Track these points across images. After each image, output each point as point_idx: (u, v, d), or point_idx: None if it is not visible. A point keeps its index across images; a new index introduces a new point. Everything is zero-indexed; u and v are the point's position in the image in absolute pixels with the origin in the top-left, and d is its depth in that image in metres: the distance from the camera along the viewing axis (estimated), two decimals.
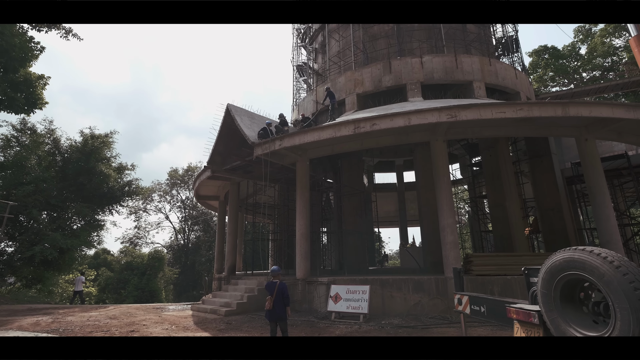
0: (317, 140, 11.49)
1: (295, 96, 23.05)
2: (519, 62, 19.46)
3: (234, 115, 13.70)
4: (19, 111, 19.08)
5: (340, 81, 17.31)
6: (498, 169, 15.41)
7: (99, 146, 25.02)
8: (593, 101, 16.69)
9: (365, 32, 18.22)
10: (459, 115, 10.07)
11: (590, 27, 32.07)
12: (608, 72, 30.42)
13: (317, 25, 21.88)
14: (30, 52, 18.48)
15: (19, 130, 23.66)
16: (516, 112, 9.97)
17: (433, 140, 11.78)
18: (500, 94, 16.66)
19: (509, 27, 19.82)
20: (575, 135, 11.89)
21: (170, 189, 45.14)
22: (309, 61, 23.39)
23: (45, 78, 19.57)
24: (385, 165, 27.73)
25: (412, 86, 15.47)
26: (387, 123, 10.61)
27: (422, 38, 17.40)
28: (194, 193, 21.22)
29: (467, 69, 15.61)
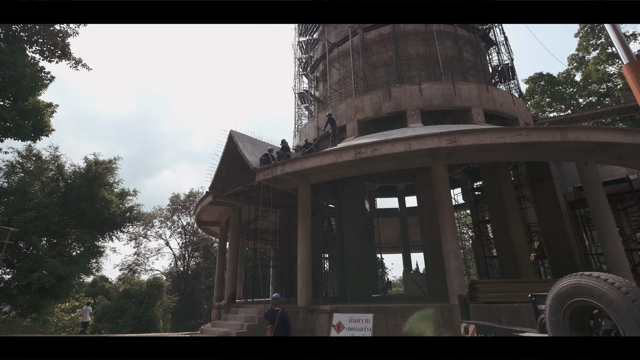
0: (318, 165, 11.58)
1: (297, 123, 23.46)
2: (515, 88, 19.93)
3: (236, 141, 13.89)
4: (26, 138, 19.43)
5: (341, 108, 17.66)
6: (500, 193, 15.38)
7: (102, 172, 25.26)
8: (591, 126, 16.90)
9: (365, 61, 18.79)
10: (458, 140, 10.19)
11: (583, 55, 33.01)
12: (604, 98, 30.99)
13: (319, 54, 22.62)
14: (40, 82, 19.09)
15: (24, 157, 23.98)
16: (515, 137, 10.08)
17: (434, 165, 11.85)
18: (498, 120, 16.92)
19: (504, 56, 20.46)
20: (575, 159, 11.96)
21: (172, 215, 45.00)
22: (310, 89, 23.98)
23: (53, 106, 20.07)
24: (387, 190, 27.74)
25: (412, 112, 15.76)
26: (387, 148, 10.73)
27: (420, 66, 17.92)
28: (195, 219, 21.14)
29: (465, 96, 15.94)
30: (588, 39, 32.04)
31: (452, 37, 18.65)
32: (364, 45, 19.08)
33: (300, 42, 25.02)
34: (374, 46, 19.16)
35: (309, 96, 23.44)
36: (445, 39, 18.29)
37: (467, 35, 19.05)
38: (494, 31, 20.78)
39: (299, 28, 25.28)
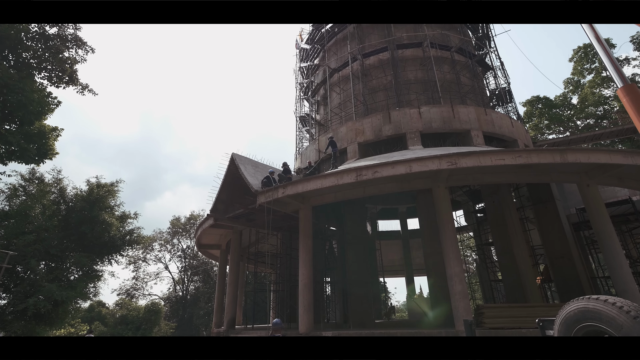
0: (319, 188, 11.59)
1: (298, 145, 23.70)
2: (513, 111, 20.22)
3: (238, 164, 13.99)
4: (30, 161, 19.62)
5: (342, 131, 17.88)
6: (502, 215, 15.28)
7: (104, 195, 25.32)
8: (590, 148, 16.99)
9: (365, 86, 19.21)
10: (459, 162, 10.24)
11: (579, 79, 33.69)
12: (601, 120, 31.36)
13: (320, 79, 23.16)
14: (47, 106, 19.48)
15: (27, 180, 24.13)
16: (515, 159, 10.14)
17: (435, 187, 11.85)
18: (498, 142, 17.07)
19: (500, 80, 20.89)
20: (577, 181, 11.96)
21: (172, 238, 44.65)
22: (312, 112, 24.39)
23: (58, 130, 20.39)
24: (388, 212, 27.61)
25: (412, 135, 15.93)
26: (388, 170, 10.77)
27: (419, 90, 18.29)
28: (196, 241, 20.96)
29: (464, 119, 16.16)
30: (582, 64, 32.82)
31: (449, 62, 19.14)
32: (364, 70, 19.56)
33: (302, 67, 25.70)
34: (373, 71, 19.64)
35: (310, 119, 23.81)
36: (443, 64, 18.75)
37: (464, 60, 19.56)
38: (490, 56, 21.35)
39: (300, 54, 26.04)
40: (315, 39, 24.88)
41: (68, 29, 20.17)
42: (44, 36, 19.62)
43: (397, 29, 19.79)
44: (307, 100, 25.20)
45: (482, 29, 22.11)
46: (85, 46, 20.71)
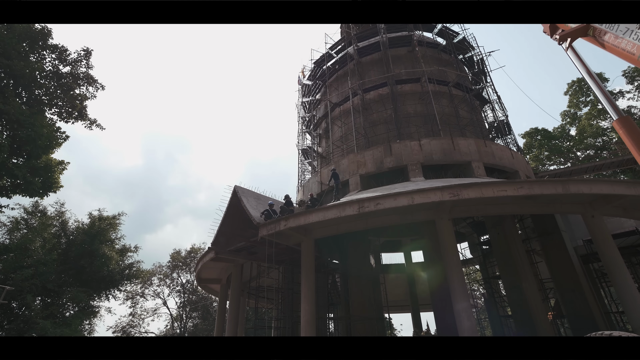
0: (322, 220, 11.53)
1: (301, 178, 23.86)
2: (513, 143, 20.47)
3: (240, 197, 14.03)
4: (34, 195, 19.78)
5: (344, 163, 18.06)
6: (508, 247, 15.01)
7: (105, 228, 25.23)
8: (592, 179, 17.01)
9: (366, 119, 19.64)
10: (461, 194, 10.24)
11: (575, 111, 34.39)
12: (601, 151, 31.61)
13: (321, 113, 23.76)
14: (55, 140, 19.95)
15: (29, 213, 24.19)
16: (517, 190, 10.13)
17: (438, 219, 11.76)
18: (499, 173, 17.13)
19: (498, 113, 21.35)
20: (581, 212, 11.86)
21: (171, 272, 43.79)
22: (314, 145, 24.79)
23: (64, 164, 20.73)
24: (392, 244, 27.17)
25: (413, 167, 16.05)
26: (390, 202, 10.75)
27: (419, 123, 18.66)
28: (196, 276, 20.54)
29: (465, 150, 16.34)
30: (577, 97, 33.66)
31: (447, 96, 19.68)
32: (364, 104, 20.10)
33: (304, 102, 26.46)
34: (374, 105, 20.17)
35: (312, 152, 24.14)
36: (441, 98, 19.28)
37: (462, 94, 20.11)
38: (487, 90, 21.96)
39: (303, 89, 26.90)
40: (316, 75, 25.82)
41: (81, 68, 21.10)
42: (57, 74, 20.50)
43: (396, 66, 20.55)
44: (309, 133, 25.71)
45: (477, 65, 22.93)
46: (96, 83, 21.56)
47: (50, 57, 20.51)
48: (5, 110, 16.52)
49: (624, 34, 4.69)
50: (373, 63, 21.85)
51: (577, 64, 5.86)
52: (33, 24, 19.98)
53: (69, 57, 20.73)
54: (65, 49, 20.57)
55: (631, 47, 4.59)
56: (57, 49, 20.38)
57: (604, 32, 5.15)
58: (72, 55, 20.77)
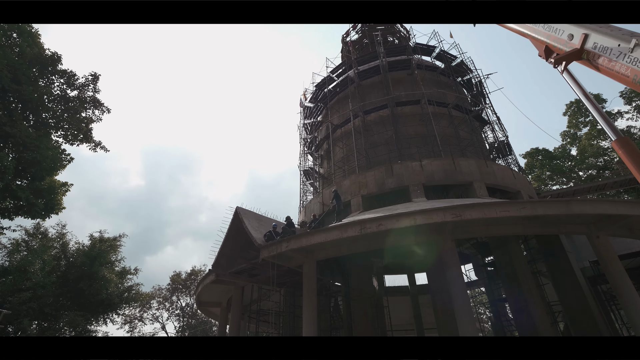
0: (324, 241, 11.43)
1: (302, 199, 23.85)
2: (514, 163, 20.53)
3: (242, 218, 13.99)
4: (36, 216, 19.79)
5: (346, 184, 18.09)
6: (513, 269, 14.75)
7: (105, 249, 25.07)
8: (595, 199, 16.92)
9: (367, 140, 19.84)
10: (463, 214, 10.18)
11: (575, 132, 34.61)
12: (603, 171, 31.56)
13: (323, 135, 24.03)
14: (59, 162, 20.18)
15: (30, 235, 24.12)
16: (520, 210, 10.07)
17: (441, 240, 11.63)
18: (502, 194, 17.08)
19: (498, 133, 21.53)
20: (586, 232, 11.72)
21: (171, 295, 43.09)
22: (315, 166, 24.93)
23: (67, 185, 20.86)
24: (395, 266, 26.76)
25: (415, 187, 16.05)
26: (393, 223, 10.68)
27: (420, 144, 18.81)
28: (196, 299, 20.19)
29: (466, 171, 16.38)
30: (576, 117, 33.97)
31: (447, 117, 19.93)
32: (365, 125, 20.36)
33: (306, 124, 26.83)
34: (375, 127, 20.42)
35: (313, 173, 24.25)
36: (441, 120, 19.52)
37: (461, 115, 20.37)
38: (487, 112, 22.25)
39: (304, 112, 27.35)
40: (318, 97, 26.31)
41: (88, 92, 21.61)
42: (64, 98, 20.99)
43: (396, 88, 20.95)
44: (310, 154, 25.91)
45: (476, 87, 23.34)
46: (102, 107, 22.01)
47: (59, 81, 21.07)
48: (13, 134, 16.82)
49: (617, 58, 4.79)
50: (373, 86, 22.30)
51: (574, 87, 5.96)
52: (44, 50, 20.66)
53: (77, 81, 21.29)
54: (74, 74, 21.17)
55: (625, 70, 4.68)
56: (65, 74, 20.97)
57: (598, 55, 5.26)
58: (80, 80, 21.35)
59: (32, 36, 20.29)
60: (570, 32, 5.83)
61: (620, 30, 5.09)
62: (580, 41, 5.51)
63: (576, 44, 5.64)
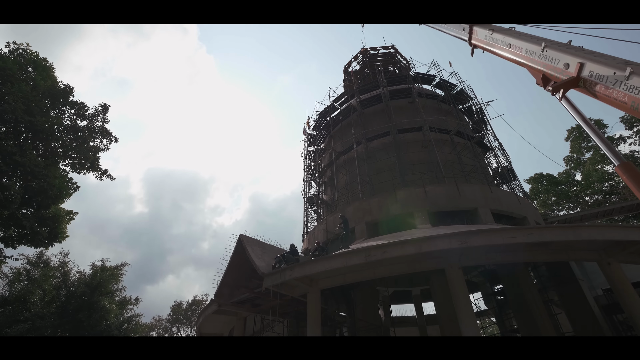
0: (328, 269, 11.23)
1: (306, 226, 23.68)
2: (519, 188, 20.43)
3: (245, 245, 13.87)
4: (39, 245, 19.74)
5: (349, 211, 18.00)
6: (523, 297, 14.30)
7: (107, 279, 24.74)
8: (604, 224, 16.65)
9: (370, 167, 19.94)
10: (469, 241, 10.02)
11: (578, 157, 34.62)
12: (610, 196, 31.22)
13: (326, 162, 24.24)
14: (65, 191, 20.37)
15: (32, 264, 23.95)
16: (527, 236, 9.91)
17: (447, 268, 11.38)
18: (507, 219, 16.88)
19: (501, 159, 21.60)
20: (596, 259, 11.44)
21: (171, 326, 41.96)
22: (319, 193, 24.95)
23: (72, 214, 20.94)
24: (401, 295, 26.06)
25: (419, 214, 15.93)
26: (398, 250, 10.52)
27: (423, 170, 18.86)
28: (197, 330, 19.62)
29: (470, 197, 16.29)
30: (579, 142, 34.10)
31: (449, 144, 20.10)
32: (368, 152, 20.55)
33: (309, 151, 27.14)
34: (378, 153, 20.60)
35: (317, 200, 24.23)
36: (443, 146, 19.67)
37: (463, 142, 20.54)
38: (488, 138, 22.45)
39: (308, 139, 27.75)
40: (321, 125, 26.77)
41: (97, 122, 22.18)
42: (74, 128, 21.52)
43: (397, 116, 21.32)
44: (314, 181, 26.02)
45: (477, 114, 23.69)
46: (110, 136, 22.50)
47: (70, 112, 21.71)
48: (22, 162, 17.13)
49: (613, 85, 4.89)
50: (375, 113, 22.72)
51: (573, 114, 6.04)
52: (57, 83, 21.47)
53: (87, 112, 21.92)
54: (84, 105, 21.83)
55: (622, 97, 4.76)
56: (76, 105, 21.64)
57: (595, 83, 5.37)
58: (90, 111, 21.98)
59: (46, 69, 21.16)
60: (565, 61, 6.00)
61: (615, 59, 5.23)
62: (576, 70, 5.66)
63: (572, 72, 5.79)
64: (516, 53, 7.55)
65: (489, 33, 8.72)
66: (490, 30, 8.67)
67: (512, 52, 7.72)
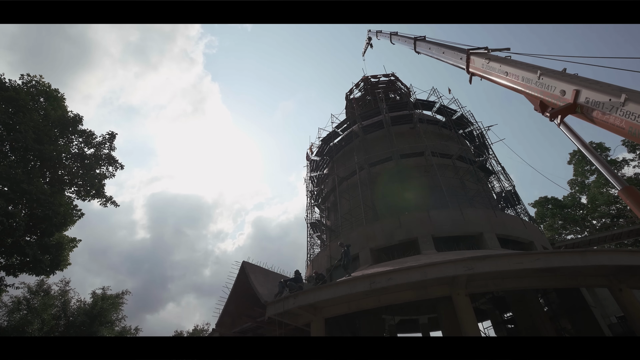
0: (332, 297, 11.02)
1: (309, 252, 23.42)
2: (524, 212, 20.24)
3: (248, 273, 13.70)
4: (41, 273, 19.54)
5: (353, 236, 17.85)
6: (534, 326, 13.83)
7: (107, 308, 24.29)
8: (613, 249, 16.35)
9: (373, 192, 19.97)
10: (475, 267, 9.86)
11: (582, 180, 34.47)
12: (618, 219, 30.79)
13: (329, 187, 24.31)
14: (70, 218, 20.42)
15: (33, 292, 23.65)
16: (534, 262, 9.75)
17: (454, 295, 11.11)
18: (514, 244, 16.63)
19: (505, 183, 21.57)
20: (607, 285, 11.15)
21: None
22: (322, 219, 24.85)
23: (75, 241, 20.89)
24: (408, 324, 25.27)
25: (424, 239, 15.76)
26: (403, 277, 10.35)
27: (426, 195, 18.83)
28: None
29: (475, 221, 16.15)
30: (582, 166, 34.06)
31: (452, 168, 20.18)
32: (371, 177, 20.64)
33: (312, 176, 27.30)
34: (380, 178, 20.67)
35: (321, 225, 24.09)
36: (446, 170, 19.74)
37: (466, 166, 20.62)
38: (491, 162, 22.54)
39: (311, 165, 28.00)
40: (324, 151, 27.09)
41: (104, 150, 22.59)
42: (81, 156, 21.90)
43: (399, 141, 21.57)
44: (317, 206, 25.99)
45: (478, 139, 23.93)
46: (116, 163, 22.83)
47: (78, 140, 22.18)
48: (29, 190, 17.32)
49: (610, 111, 4.99)
50: (377, 139, 23.02)
51: (573, 139, 6.11)
52: (67, 112, 22.09)
53: (95, 140, 22.39)
54: (92, 133, 22.32)
55: (620, 123, 4.84)
56: (84, 133, 22.13)
57: (592, 109, 5.47)
58: (97, 139, 22.44)
59: (57, 100, 21.83)
60: (562, 88, 6.15)
61: (610, 86, 5.35)
62: (572, 96, 5.79)
63: (569, 99, 5.91)
64: (513, 80, 7.74)
65: (485, 62, 8.98)
66: (487, 59, 8.94)
67: (509, 80, 7.91)
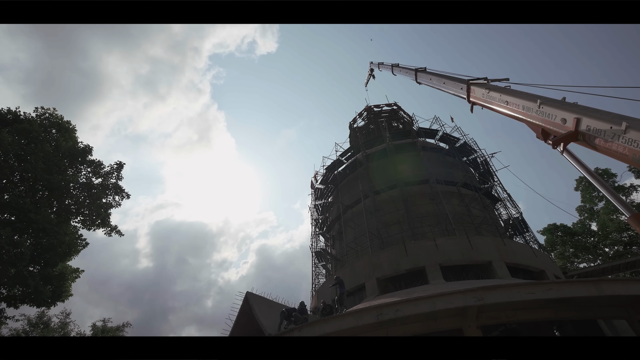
0: (338, 330, 10.66)
1: (315, 282, 22.95)
2: (533, 240, 19.83)
3: (252, 304, 13.39)
4: (42, 304, 19.21)
5: (359, 265, 17.52)
6: None
7: None
8: (628, 278, 15.81)
9: (379, 220, 19.79)
10: (486, 297, 9.56)
11: (591, 206, 33.94)
12: (631, 246, 29.97)
13: (334, 215, 24.18)
14: (74, 247, 20.35)
15: (33, 325, 23.19)
16: (546, 292, 9.43)
17: (465, 327, 10.69)
18: (524, 274, 16.17)
19: (512, 210, 21.31)
20: (624, 316, 10.68)
21: None
22: (327, 247, 24.52)
23: (78, 271, 20.70)
24: None
25: (431, 268, 15.40)
26: (411, 309, 10.04)
27: (432, 223, 18.62)
28: None
29: (483, 250, 15.83)
30: (590, 192, 33.66)
31: (457, 195, 20.07)
32: (376, 205, 20.54)
33: (317, 205, 27.24)
34: (385, 206, 20.57)
35: (326, 254, 23.74)
36: (451, 198, 19.64)
37: (471, 193, 20.51)
38: (496, 189, 22.41)
39: (316, 193, 28.03)
40: (328, 179, 27.20)
41: (111, 179, 22.90)
42: (89, 186, 22.18)
43: (403, 169, 21.66)
44: (322, 235, 25.74)
45: (482, 166, 23.95)
46: (122, 193, 23.04)
47: (86, 170, 22.55)
48: (36, 220, 17.43)
49: (612, 138, 5.02)
50: (381, 167, 23.14)
51: (577, 166, 6.09)
52: (77, 143, 22.64)
53: (102, 170, 22.75)
54: (101, 163, 22.72)
55: (623, 150, 4.85)
56: (93, 163, 22.54)
57: (594, 137, 5.51)
58: (105, 169, 22.82)
59: (69, 131, 22.44)
60: (562, 117, 6.23)
61: (610, 114, 5.41)
62: (573, 124, 5.84)
63: (570, 126, 5.97)
64: (513, 109, 7.85)
65: (485, 91, 9.17)
66: (487, 89, 9.13)
67: (509, 109, 8.03)
